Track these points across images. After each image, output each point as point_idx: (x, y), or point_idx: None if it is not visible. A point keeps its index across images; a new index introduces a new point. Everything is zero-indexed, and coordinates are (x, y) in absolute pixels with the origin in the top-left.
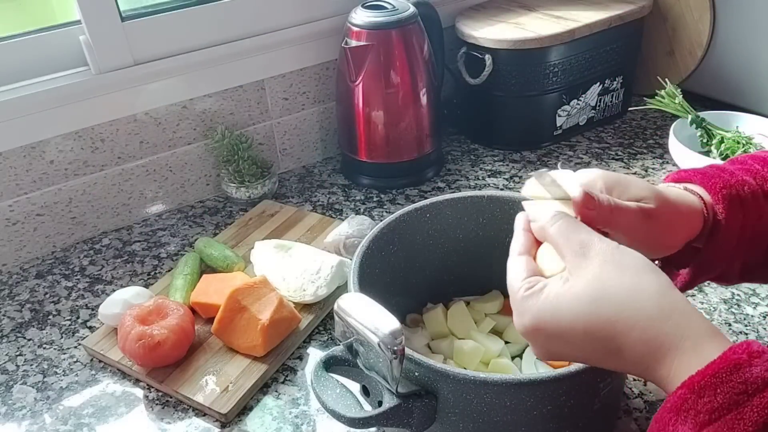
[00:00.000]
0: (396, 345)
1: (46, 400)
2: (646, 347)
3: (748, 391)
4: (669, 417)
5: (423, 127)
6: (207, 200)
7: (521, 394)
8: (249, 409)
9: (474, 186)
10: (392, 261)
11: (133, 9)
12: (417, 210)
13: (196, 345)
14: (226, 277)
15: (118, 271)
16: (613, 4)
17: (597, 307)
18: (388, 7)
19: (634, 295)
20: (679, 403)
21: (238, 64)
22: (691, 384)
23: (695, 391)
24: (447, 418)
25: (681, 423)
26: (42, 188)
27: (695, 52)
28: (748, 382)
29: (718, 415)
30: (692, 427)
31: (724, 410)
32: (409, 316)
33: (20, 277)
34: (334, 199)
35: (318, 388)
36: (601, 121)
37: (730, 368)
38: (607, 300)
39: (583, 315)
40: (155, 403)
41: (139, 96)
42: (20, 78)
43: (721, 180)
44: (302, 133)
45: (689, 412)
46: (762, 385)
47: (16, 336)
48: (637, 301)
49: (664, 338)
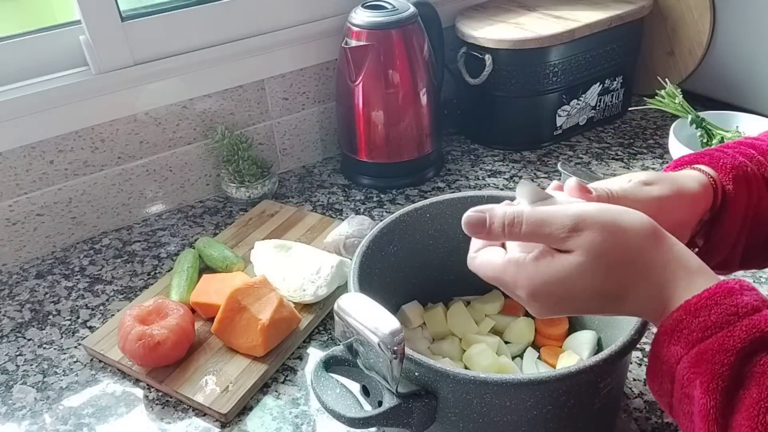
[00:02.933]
0: (396, 345)
1: (46, 400)
2: (650, 297)
3: (739, 313)
4: (663, 339)
5: (423, 127)
6: (207, 200)
7: (521, 394)
8: (249, 409)
9: (474, 186)
10: (392, 261)
11: (133, 9)
12: (417, 210)
13: (196, 345)
14: (226, 277)
15: (118, 271)
16: (613, 4)
17: (609, 272)
18: (388, 7)
19: (640, 254)
20: (674, 324)
21: (238, 64)
22: (687, 306)
23: (691, 312)
24: (447, 418)
25: (674, 343)
26: (42, 188)
27: (695, 52)
28: (739, 306)
29: (710, 333)
30: (684, 345)
31: (716, 328)
32: (404, 306)
33: (20, 277)
34: (334, 199)
35: (318, 388)
36: (601, 121)
37: (724, 293)
38: (617, 264)
39: (599, 280)
40: (155, 403)
41: (139, 96)
42: (20, 78)
43: (726, 160)
44: (302, 133)
45: (682, 332)
46: (751, 310)
47: (16, 336)
48: (642, 259)
49: (665, 285)
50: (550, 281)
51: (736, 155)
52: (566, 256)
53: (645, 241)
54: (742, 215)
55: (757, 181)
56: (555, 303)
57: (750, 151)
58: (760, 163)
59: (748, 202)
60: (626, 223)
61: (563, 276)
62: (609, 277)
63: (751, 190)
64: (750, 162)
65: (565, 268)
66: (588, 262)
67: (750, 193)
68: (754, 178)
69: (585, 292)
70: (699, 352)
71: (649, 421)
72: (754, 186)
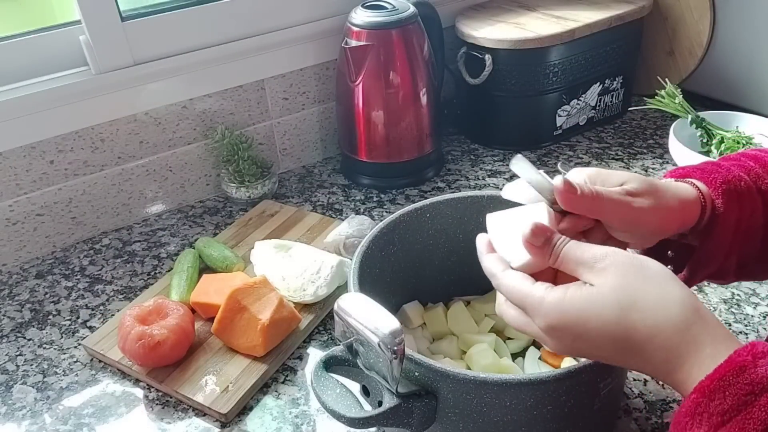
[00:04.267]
0: (396, 345)
1: (46, 400)
2: (667, 353)
3: (755, 392)
4: (685, 421)
5: (423, 127)
6: (207, 200)
7: (521, 394)
8: (249, 409)
9: (474, 186)
10: (392, 261)
11: (133, 9)
12: (417, 210)
13: (196, 345)
14: (226, 277)
15: (118, 271)
16: (613, 4)
17: (626, 313)
18: (388, 7)
19: (661, 303)
20: (693, 407)
21: (238, 64)
22: (702, 388)
23: (706, 395)
24: (447, 418)
25: (697, 426)
26: (42, 188)
27: (695, 52)
28: (754, 383)
29: (729, 417)
30: (707, 429)
31: (734, 411)
32: (405, 306)
33: (20, 277)
34: (334, 199)
35: (318, 388)
36: (601, 121)
37: (735, 371)
38: (635, 307)
39: (613, 319)
40: (155, 403)
41: (139, 96)
42: (20, 78)
43: (719, 175)
44: (302, 133)
45: (703, 416)
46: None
47: (16, 336)
48: (663, 309)
49: (685, 346)
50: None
51: (732, 168)
52: (587, 287)
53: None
54: (732, 229)
55: (751, 195)
56: (572, 340)
57: (749, 164)
58: (758, 176)
59: (739, 216)
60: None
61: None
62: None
63: (743, 205)
64: (747, 175)
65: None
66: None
67: (742, 208)
68: (748, 192)
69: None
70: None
71: (649, 421)
72: (747, 201)
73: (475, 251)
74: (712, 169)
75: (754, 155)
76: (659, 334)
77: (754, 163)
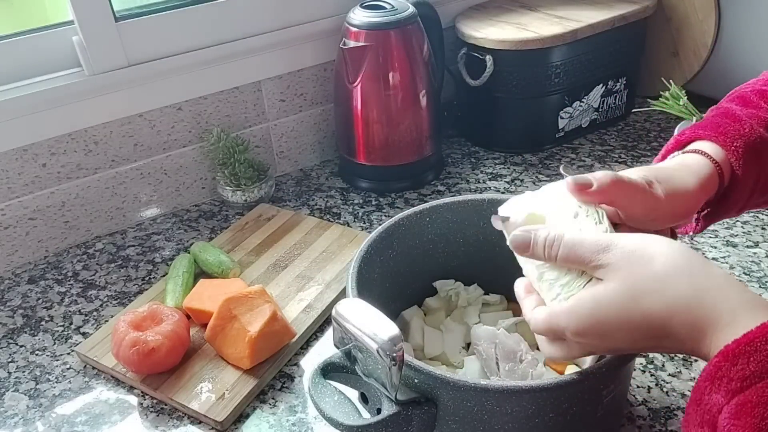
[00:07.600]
0: (395, 351)
1: (39, 407)
2: (687, 329)
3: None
4: (704, 385)
5: (422, 129)
6: (202, 204)
7: (523, 402)
8: (245, 417)
9: (474, 189)
10: (391, 266)
11: (127, 9)
12: (416, 214)
13: (192, 351)
14: (224, 284)
15: (112, 276)
16: (617, 4)
17: (636, 302)
18: (387, 7)
19: (667, 282)
20: (714, 371)
21: (234, 65)
22: (726, 352)
23: (729, 358)
24: (447, 425)
25: (715, 391)
26: (34, 192)
27: (700, 53)
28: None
29: (749, 382)
30: (724, 394)
31: (756, 378)
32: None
33: (12, 282)
34: (332, 202)
35: (315, 396)
36: (604, 123)
37: (765, 338)
38: (643, 293)
39: (625, 312)
40: (150, 410)
41: (133, 98)
42: (12, 79)
43: (733, 130)
44: (299, 135)
45: (722, 380)
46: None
47: (8, 342)
48: (670, 288)
49: (703, 318)
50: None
51: (746, 119)
52: (598, 286)
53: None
54: (750, 189)
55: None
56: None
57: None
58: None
59: (758, 177)
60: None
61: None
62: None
63: (762, 164)
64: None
65: (596, 297)
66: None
67: (761, 167)
68: (766, 149)
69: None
70: (739, 403)
71: (652, 429)
72: (766, 158)
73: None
74: (725, 125)
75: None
76: (674, 313)
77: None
